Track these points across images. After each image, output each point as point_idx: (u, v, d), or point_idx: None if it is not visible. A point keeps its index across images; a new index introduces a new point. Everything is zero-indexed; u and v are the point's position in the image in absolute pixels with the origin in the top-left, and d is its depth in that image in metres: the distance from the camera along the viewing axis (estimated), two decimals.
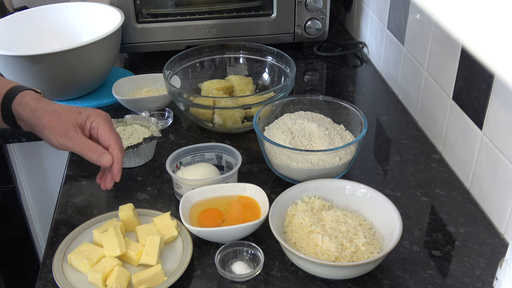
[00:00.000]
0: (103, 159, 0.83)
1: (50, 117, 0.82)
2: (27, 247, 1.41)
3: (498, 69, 0.28)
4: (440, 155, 1.08)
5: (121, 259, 0.83)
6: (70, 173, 1.05)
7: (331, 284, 0.80)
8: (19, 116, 0.85)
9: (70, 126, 0.82)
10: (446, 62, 1.02)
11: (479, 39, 0.28)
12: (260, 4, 1.45)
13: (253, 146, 1.12)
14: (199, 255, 0.85)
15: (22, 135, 1.21)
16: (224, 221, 0.88)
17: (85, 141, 0.83)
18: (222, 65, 1.31)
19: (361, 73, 1.47)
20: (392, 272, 0.82)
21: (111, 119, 0.88)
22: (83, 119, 0.84)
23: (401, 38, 1.25)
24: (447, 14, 0.31)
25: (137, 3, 1.39)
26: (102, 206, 0.97)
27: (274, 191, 0.97)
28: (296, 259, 0.80)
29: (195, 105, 1.12)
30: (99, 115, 0.85)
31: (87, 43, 1.17)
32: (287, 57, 1.21)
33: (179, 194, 0.95)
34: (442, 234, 0.89)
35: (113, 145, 0.84)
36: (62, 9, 1.39)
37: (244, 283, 0.80)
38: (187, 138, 1.15)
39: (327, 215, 0.86)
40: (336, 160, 0.95)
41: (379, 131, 1.18)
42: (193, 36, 1.44)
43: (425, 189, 0.99)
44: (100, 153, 0.83)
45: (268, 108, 1.07)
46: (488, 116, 0.90)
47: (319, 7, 1.44)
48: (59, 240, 0.87)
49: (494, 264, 0.81)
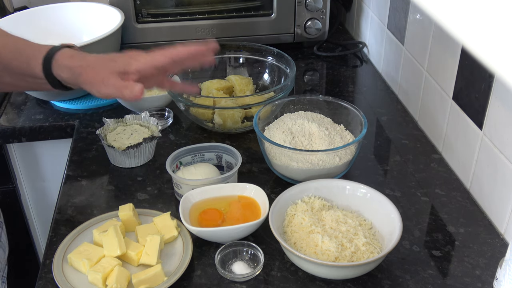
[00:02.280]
0: (133, 91, 0.81)
1: (87, 72, 0.82)
2: (27, 247, 1.41)
3: (498, 69, 0.28)
4: (440, 155, 1.08)
5: (121, 259, 0.83)
6: (70, 173, 1.05)
7: (331, 284, 0.80)
8: (62, 79, 0.84)
9: (107, 75, 0.82)
10: (446, 62, 1.02)
11: (479, 39, 0.28)
12: (260, 4, 1.45)
13: (253, 146, 1.12)
14: (199, 255, 0.85)
15: (22, 135, 1.21)
16: (224, 221, 0.88)
17: (119, 83, 0.82)
18: (222, 65, 1.31)
19: (361, 73, 1.47)
20: (392, 272, 0.82)
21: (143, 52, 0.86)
22: (121, 67, 0.83)
23: (401, 38, 1.25)
24: (447, 14, 0.31)
25: (137, 3, 1.39)
26: (102, 206, 0.97)
27: (274, 191, 0.97)
28: (296, 259, 0.80)
29: (195, 105, 1.12)
30: (132, 58, 0.84)
31: (87, 43, 1.17)
32: (287, 57, 1.21)
33: (179, 194, 0.95)
34: (442, 234, 0.89)
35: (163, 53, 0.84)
36: (62, 9, 1.39)
37: (244, 283, 0.80)
38: (187, 138, 1.15)
39: (327, 215, 0.86)
40: (336, 160, 0.95)
41: (379, 131, 1.18)
42: (193, 36, 1.44)
43: (425, 189, 0.99)
44: (132, 87, 0.81)
45: (268, 108, 1.07)
46: (488, 116, 0.90)
47: (319, 7, 1.44)
48: (59, 240, 0.87)
49: (494, 264, 0.81)
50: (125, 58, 0.84)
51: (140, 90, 0.81)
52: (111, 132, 1.08)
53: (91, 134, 1.16)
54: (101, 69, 0.82)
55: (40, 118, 1.22)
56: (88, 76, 0.82)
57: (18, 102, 1.29)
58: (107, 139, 1.06)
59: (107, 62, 0.83)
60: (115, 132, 1.08)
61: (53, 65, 0.83)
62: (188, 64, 0.90)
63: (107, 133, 1.08)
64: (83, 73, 0.82)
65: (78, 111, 1.25)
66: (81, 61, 0.83)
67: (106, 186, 1.02)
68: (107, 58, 0.84)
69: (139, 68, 0.83)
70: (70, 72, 0.83)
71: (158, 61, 0.84)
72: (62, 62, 0.83)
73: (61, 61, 0.83)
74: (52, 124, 1.21)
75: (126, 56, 0.85)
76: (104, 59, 0.84)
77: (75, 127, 1.20)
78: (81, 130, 1.18)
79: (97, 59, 0.84)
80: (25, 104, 1.28)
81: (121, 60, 0.83)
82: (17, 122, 1.22)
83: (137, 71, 0.83)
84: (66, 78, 0.84)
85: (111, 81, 0.81)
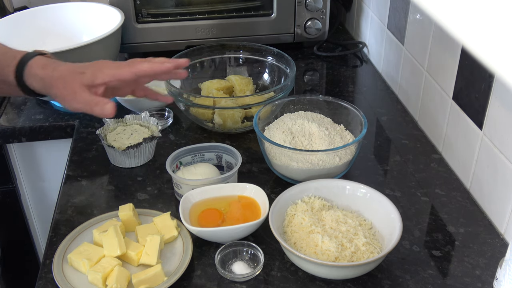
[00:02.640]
0: (104, 109, 0.82)
1: (58, 85, 0.82)
2: (27, 247, 1.41)
3: (498, 69, 0.28)
4: (440, 155, 1.08)
5: (121, 259, 0.83)
6: (70, 173, 1.05)
7: (331, 284, 0.80)
8: (34, 89, 0.85)
9: (76, 89, 0.82)
10: (446, 62, 1.02)
11: (479, 39, 0.28)
12: (260, 4, 1.45)
13: (253, 146, 1.12)
14: (199, 255, 0.85)
15: (22, 135, 1.21)
16: (224, 221, 0.88)
17: (90, 99, 0.82)
18: (222, 65, 1.31)
19: (361, 73, 1.47)
20: (392, 272, 0.82)
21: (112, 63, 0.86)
22: (88, 80, 0.83)
23: (401, 38, 1.25)
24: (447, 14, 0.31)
25: (137, 3, 1.39)
26: (102, 206, 0.97)
27: (274, 191, 0.97)
28: (296, 259, 0.80)
29: (195, 105, 1.12)
30: (99, 70, 0.84)
31: (87, 43, 1.17)
32: (287, 57, 1.21)
33: (179, 194, 0.95)
34: (442, 234, 0.89)
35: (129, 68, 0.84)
36: (62, 9, 1.39)
37: (244, 283, 0.80)
38: (187, 138, 1.15)
39: (327, 215, 0.86)
40: (336, 160, 0.95)
41: (379, 131, 1.18)
42: (193, 36, 1.44)
43: (425, 189, 0.99)
44: (102, 104, 0.82)
45: (268, 108, 1.07)
46: (488, 116, 0.90)
47: (319, 7, 1.44)
48: (59, 240, 0.87)
49: (494, 264, 0.81)
50: (93, 70, 0.84)
51: (110, 109, 0.82)
52: (111, 132, 1.08)
53: (91, 134, 1.16)
54: (70, 81, 0.82)
55: (40, 118, 1.22)
56: (59, 89, 0.82)
57: (18, 102, 1.29)
58: (107, 139, 1.06)
59: (77, 74, 0.83)
60: (115, 132, 1.08)
61: (25, 73, 0.83)
62: (158, 78, 0.91)
63: (107, 133, 1.08)
64: (54, 86, 0.82)
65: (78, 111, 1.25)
66: (52, 71, 0.83)
67: (106, 186, 1.02)
68: (77, 70, 0.84)
69: (105, 81, 0.83)
70: (41, 82, 0.83)
71: (122, 75, 0.84)
72: (34, 72, 0.83)
73: (33, 70, 0.83)
74: (52, 124, 1.21)
75: (95, 68, 0.85)
76: (74, 71, 0.84)
77: (75, 127, 1.20)
78: (81, 130, 1.18)
79: (67, 70, 0.84)
80: (25, 104, 1.28)
81: (89, 72, 0.84)
82: (17, 122, 1.22)
83: (103, 83, 0.83)
84: (38, 88, 0.84)
85: (82, 95, 0.82)
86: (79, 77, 0.83)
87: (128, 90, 0.92)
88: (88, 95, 0.82)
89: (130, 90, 0.92)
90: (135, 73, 0.85)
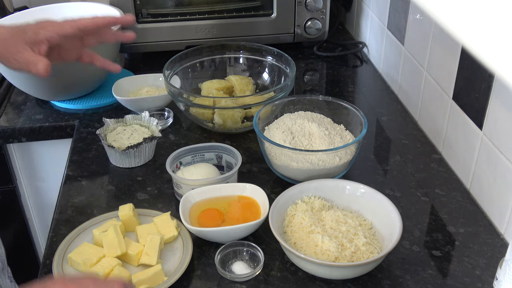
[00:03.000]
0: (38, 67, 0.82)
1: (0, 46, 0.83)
2: (27, 247, 1.41)
3: (498, 69, 0.28)
4: (440, 155, 1.08)
5: (121, 259, 0.83)
6: (70, 173, 1.05)
7: (331, 284, 0.80)
8: None
9: (20, 48, 0.83)
10: (446, 62, 1.02)
11: (479, 39, 0.28)
12: (260, 4, 1.45)
13: (253, 146, 1.12)
14: (199, 255, 0.85)
15: (22, 135, 1.21)
16: (224, 221, 0.88)
17: (30, 58, 0.82)
18: (222, 65, 1.31)
19: (361, 73, 1.47)
20: (392, 272, 0.82)
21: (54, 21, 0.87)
22: (31, 38, 0.83)
23: (401, 38, 1.25)
24: (447, 14, 0.31)
25: (137, 3, 1.39)
26: (102, 206, 0.97)
27: (274, 191, 0.97)
28: (296, 259, 0.80)
29: (195, 105, 1.12)
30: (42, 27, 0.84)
31: None
32: (287, 57, 1.21)
33: (179, 194, 0.95)
34: (442, 234, 0.89)
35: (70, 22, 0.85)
36: (62, 9, 1.39)
37: (244, 283, 0.80)
38: (187, 138, 1.15)
39: (327, 215, 0.86)
40: (336, 160, 0.95)
41: (379, 131, 1.18)
42: (193, 36, 1.44)
43: (425, 189, 0.99)
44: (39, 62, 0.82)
45: (268, 108, 1.07)
46: (488, 116, 0.90)
47: (319, 7, 1.44)
48: (59, 240, 0.87)
49: (494, 264, 0.81)
50: (35, 28, 0.84)
51: (43, 67, 0.82)
52: (111, 132, 1.08)
53: (91, 134, 1.16)
54: (12, 41, 0.83)
55: (40, 118, 1.22)
56: (1, 49, 0.83)
57: (18, 102, 1.29)
58: (107, 139, 1.06)
59: (18, 33, 0.84)
60: (115, 132, 1.08)
61: None
62: (104, 36, 0.90)
63: (107, 133, 1.08)
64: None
65: (78, 111, 1.25)
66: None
67: (106, 186, 1.02)
68: (19, 30, 0.84)
69: (47, 37, 0.83)
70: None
71: (65, 30, 0.84)
72: None
73: None
74: (52, 124, 1.21)
75: (36, 26, 0.85)
76: (15, 30, 0.84)
77: (75, 127, 1.20)
78: (81, 130, 1.18)
79: (8, 31, 0.84)
80: (25, 104, 1.28)
81: (31, 30, 0.84)
82: (17, 122, 1.22)
83: (45, 39, 0.83)
84: None
85: (24, 54, 0.82)
86: (21, 36, 0.83)
87: (74, 53, 0.92)
88: (29, 54, 0.82)
89: (76, 54, 0.92)
90: (77, 27, 0.85)
